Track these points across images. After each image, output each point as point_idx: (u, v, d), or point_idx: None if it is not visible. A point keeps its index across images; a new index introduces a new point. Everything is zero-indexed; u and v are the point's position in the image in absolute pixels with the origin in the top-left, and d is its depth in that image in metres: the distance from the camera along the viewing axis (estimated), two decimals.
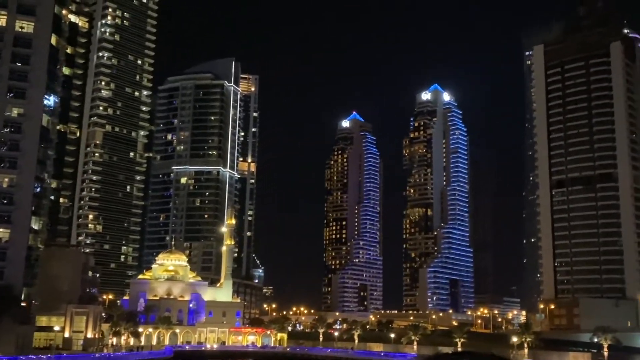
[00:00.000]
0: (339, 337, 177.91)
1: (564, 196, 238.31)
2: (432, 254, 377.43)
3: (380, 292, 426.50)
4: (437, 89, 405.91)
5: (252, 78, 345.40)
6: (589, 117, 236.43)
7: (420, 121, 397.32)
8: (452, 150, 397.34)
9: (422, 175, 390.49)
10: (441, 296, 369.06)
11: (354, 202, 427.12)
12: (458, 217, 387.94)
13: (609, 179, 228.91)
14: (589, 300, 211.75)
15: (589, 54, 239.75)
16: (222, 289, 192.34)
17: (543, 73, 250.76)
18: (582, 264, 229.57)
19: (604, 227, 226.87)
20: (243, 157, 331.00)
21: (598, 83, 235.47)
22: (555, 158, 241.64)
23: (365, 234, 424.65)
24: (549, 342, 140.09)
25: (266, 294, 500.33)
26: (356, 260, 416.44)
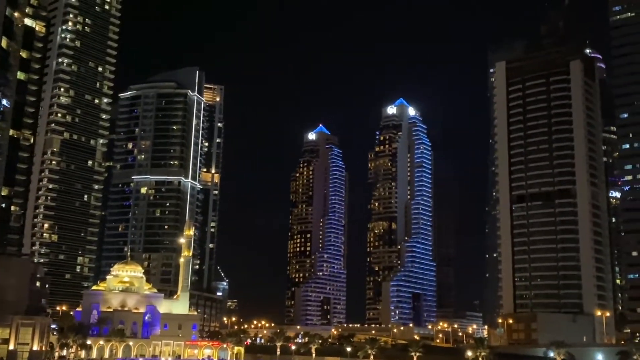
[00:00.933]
0: (296, 351, 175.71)
1: (524, 211, 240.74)
2: (395, 268, 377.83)
3: (343, 306, 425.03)
4: (402, 103, 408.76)
5: (217, 88, 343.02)
6: (549, 134, 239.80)
7: (386, 135, 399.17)
8: (416, 165, 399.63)
9: (387, 189, 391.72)
10: (404, 310, 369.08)
11: (319, 215, 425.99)
12: (422, 231, 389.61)
13: (567, 195, 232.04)
14: (547, 315, 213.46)
15: (550, 72, 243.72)
16: (178, 301, 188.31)
17: (505, 90, 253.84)
18: (541, 278, 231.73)
19: (563, 243, 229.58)
20: (207, 167, 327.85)
21: (558, 100, 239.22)
22: (516, 173, 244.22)
23: (330, 247, 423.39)
24: (503, 356, 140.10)
25: (230, 307, 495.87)
26: (320, 273, 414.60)
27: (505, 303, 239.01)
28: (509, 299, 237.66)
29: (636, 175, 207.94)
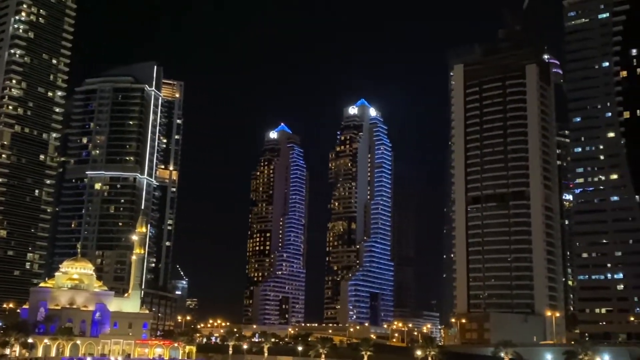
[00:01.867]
0: (249, 350, 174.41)
1: (479, 212, 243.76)
2: (354, 267, 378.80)
3: (302, 305, 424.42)
4: (364, 104, 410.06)
5: (177, 84, 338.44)
6: (504, 137, 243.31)
7: (347, 135, 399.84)
8: (376, 165, 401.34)
9: (347, 189, 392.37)
10: (361, 309, 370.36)
11: (279, 214, 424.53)
12: (380, 231, 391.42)
13: (521, 197, 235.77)
14: (499, 315, 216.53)
15: (506, 76, 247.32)
16: (129, 299, 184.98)
17: (462, 92, 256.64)
18: (495, 279, 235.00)
19: (516, 244, 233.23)
20: (164, 164, 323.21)
21: (513, 104, 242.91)
22: (472, 175, 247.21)
23: (290, 246, 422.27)
24: (452, 355, 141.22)
25: (190, 306, 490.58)
26: (279, 272, 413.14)
27: (459, 303, 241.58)
28: (462, 299, 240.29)
29: (588, 178, 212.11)
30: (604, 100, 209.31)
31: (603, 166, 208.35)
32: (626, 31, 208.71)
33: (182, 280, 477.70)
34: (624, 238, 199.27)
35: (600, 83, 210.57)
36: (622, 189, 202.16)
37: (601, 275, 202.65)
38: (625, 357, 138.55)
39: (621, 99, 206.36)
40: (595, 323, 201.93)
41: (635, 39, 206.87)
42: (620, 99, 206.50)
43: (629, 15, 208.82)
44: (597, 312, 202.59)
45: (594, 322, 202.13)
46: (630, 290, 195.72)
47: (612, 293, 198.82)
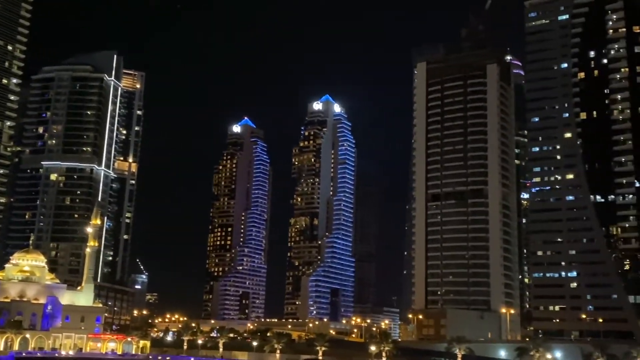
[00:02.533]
0: (203, 345, 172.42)
1: (438, 210, 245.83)
2: (315, 263, 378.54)
3: (262, 301, 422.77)
4: (328, 99, 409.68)
5: (138, 74, 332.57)
6: (464, 135, 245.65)
7: (311, 131, 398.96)
8: (340, 161, 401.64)
9: (310, 185, 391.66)
10: (322, 305, 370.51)
11: (241, 209, 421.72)
12: (342, 227, 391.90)
13: (480, 195, 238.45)
14: (456, 312, 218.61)
15: (467, 75, 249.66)
16: (82, 292, 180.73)
17: (425, 90, 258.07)
18: (453, 276, 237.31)
19: (474, 241, 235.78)
20: (124, 156, 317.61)
21: (474, 103, 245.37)
22: (432, 172, 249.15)
23: (251, 241, 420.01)
24: (407, 351, 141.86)
25: (150, 301, 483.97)
26: (240, 267, 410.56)
27: (417, 299, 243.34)
28: (420, 295, 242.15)
29: (544, 177, 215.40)
30: (561, 101, 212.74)
31: (559, 166, 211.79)
32: (585, 33, 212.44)
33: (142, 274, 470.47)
34: (578, 237, 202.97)
35: (559, 84, 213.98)
36: (577, 188, 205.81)
37: (555, 273, 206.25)
38: (576, 354, 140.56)
39: (578, 99, 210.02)
40: (549, 320, 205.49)
41: (593, 41, 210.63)
42: (577, 100, 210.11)
43: (588, 17, 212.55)
44: (551, 310, 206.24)
45: (547, 319, 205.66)
46: (583, 289, 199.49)
47: (566, 291, 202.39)
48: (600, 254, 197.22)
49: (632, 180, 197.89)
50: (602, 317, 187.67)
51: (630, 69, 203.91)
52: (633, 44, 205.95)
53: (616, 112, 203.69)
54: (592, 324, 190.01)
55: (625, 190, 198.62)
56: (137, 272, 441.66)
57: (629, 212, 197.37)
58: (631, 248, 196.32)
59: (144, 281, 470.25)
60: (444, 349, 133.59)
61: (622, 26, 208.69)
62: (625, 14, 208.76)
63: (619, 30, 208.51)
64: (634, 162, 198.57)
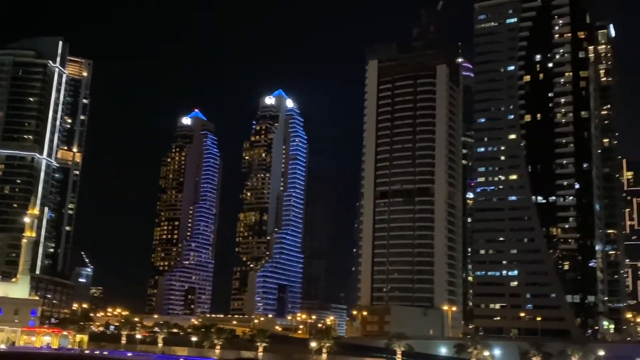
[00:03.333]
0: (142, 340, 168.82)
1: (386, 207, 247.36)
2: (263, 259, 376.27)
3: (208, 296, 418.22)
4: (281, 94, 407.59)
5: (85, 62, 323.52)
6: (413, 134, 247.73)
7: (263, 125, 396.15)
8: (291, 157, 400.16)
9: (260, 180, 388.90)
10: (269, 301, 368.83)
11: (189, 202, 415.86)
12: (292, 223, 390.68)
13: (426, 194, 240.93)
14: (400, 308, 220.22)
15: (418, 74, 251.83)
16: (17, 284, 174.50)
17: (376, 89, 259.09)
18: (398, 273, 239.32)
19: (419, 239, 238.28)
20: (68, 145, 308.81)
21: (423, 102, 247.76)
22: (381, 170, 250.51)
23: (198, 236, 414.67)
24: (347, 347, 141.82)
25: (95, 294, 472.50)
26: (186, 262, 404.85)
27: (362, 295, 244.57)
28: (366, 291, 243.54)
29: (488, 177, 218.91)
30: (507, 102, 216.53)
31: (503, 166, 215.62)
32: (532, 37, 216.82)
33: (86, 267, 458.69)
34: (519, 236, 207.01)
35: (505, 86, 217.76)
36: (520, 189, 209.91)
37: (497, 272, 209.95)
38: (514, 351, 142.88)
39: (523, 102, 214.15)
40: (489, 318, 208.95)
41: (539, 45, 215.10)
42: (522, 102, 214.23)
43: (535, 21, 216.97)
44: (492, 308, 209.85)
45: (488, 317, 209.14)
46: (523, 287, 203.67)
47: (506, 289, 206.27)
48: (541, 254, 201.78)
49: (572, 182, 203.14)
50: (541, 316, 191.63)
51: (574, 73, 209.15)
52: (577, 49, 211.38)
53: (559, 115, 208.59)
54: (530, 322, 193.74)
55: (566, 192, 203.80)
56: (82, 265, 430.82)
57: (568, 214, 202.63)
58: (570, 248, 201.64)
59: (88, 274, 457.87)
60: (384, 345, 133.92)
61: (567, 31, 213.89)
62: (571, 19, 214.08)
63: (564, 35, 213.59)
64: (575, 164, 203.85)
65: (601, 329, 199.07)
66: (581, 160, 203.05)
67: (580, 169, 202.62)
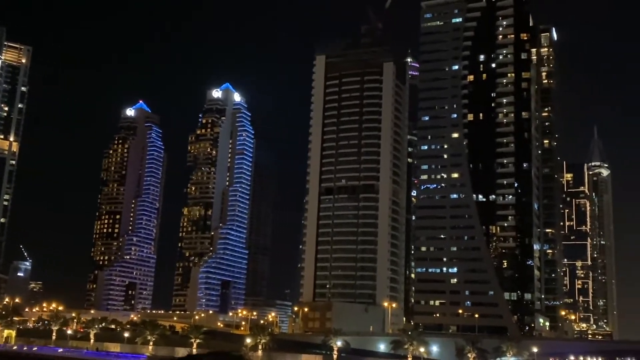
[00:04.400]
0: (73, 336, 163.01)
1: (331, 203, 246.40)
2: (207, 254, 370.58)
3: (150, 291, 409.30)
4: (228, 88, 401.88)
5: (25, 48, 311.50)
6: (359, 130, 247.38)
7: (209, 119, 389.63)
8: (237, 152, 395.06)
9: (205, 174, 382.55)
10: (212, 297, 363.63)
11: (132, 196, 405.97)
12: (237, 219, 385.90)
13: (371, 190, 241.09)
14: (341, 305, 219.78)
15: (365, 71, 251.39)
16: None
17: (323, 84, 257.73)
18: (341, 269, 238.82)
19: (363, 236, 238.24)
20: (4, 134, 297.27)
21: (370, 99, 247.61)
22: (326, 166, 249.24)
23: (141, 230, 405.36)
24: (285, 343, 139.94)
25: (34, 289, 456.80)
26: (127, 257, 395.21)
27: (305, 292, 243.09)
28: (309, 288, 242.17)
29: (431, 175, 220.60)
30: (451, 101, 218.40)
31: (446, 165, 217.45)
32: (476, 37, 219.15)
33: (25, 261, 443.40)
34: (460, 234, 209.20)
35: (449, 85, 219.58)
36: (461, 187, 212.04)
37: (437, 269, 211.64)
38: (451, 347, 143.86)
39: (467, 101, 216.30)
40: (430, 315, 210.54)
41: (483, 45, 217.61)
42: (466, 102, 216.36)
43: (480, 22, 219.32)
44: (432, 304, 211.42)
45: (428, 313, 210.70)
46: (463, 285, 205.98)
47: (446, 286, 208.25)
48: (480, 252, 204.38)
49: (512, 181, 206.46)
50: (479, 313, 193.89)
51: (516, 74, 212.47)
52: (520, 50, 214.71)
53: (501, 115, 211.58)
54: (469, 319, 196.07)
55: (506, 191, 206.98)
56: (20, 259, 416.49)
57: (508, 212, 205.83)
58: (509, 247, 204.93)
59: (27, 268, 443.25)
60: (321, 341, 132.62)
61: (511, 33, 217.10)
62: (514, 21, 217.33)
63: (507, 36, 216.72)
64: (515, 164, 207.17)
65: (537, 326, 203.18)
66: (521, 160, 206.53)
67: (520, 168, 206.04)
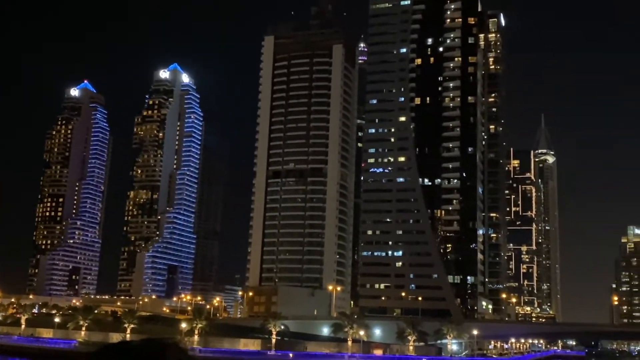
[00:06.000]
0: (2, 322, 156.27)
1: (278, 187, 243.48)
2: (153, 239, 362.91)
3: (95, 276, 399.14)
4: (176, 68, 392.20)
5: None
6: (308, 113, 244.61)
7: (156, 100, 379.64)
8: (186, 134, 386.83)
9: (152, 157, 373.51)
10: (158, 282, 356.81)
11: (76, 178, 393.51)
12: (185, 203, 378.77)
13: (319, 174, 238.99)
14: (287, 289, 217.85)
15: (314, 53, 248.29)
16: None
17: (271, 66, 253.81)
18: (289, 253, 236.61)
19: (311, 220, 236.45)
20: None
21: (319, 82, 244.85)
22: (274, 149, 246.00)
23: (85, 214, 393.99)
24: (223, 328, 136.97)
25: None
26: (71, 241, 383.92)
27: (251, 276, 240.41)
28: (255, 272, 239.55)
29: (378, 159, 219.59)
30: (398, 85, 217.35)
31: (393, 148, 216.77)
32: (424, 20, 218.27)
33: None
34: (405, 218, 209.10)
35: (397, 68, 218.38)
36: (407, 171, 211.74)
37: (383, 252, 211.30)
38: (393, 330, 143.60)
39: (414, 85, 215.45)
40: (375, 298, 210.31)
41: (431, 29, 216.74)
42: (413, 85, 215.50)
43: (428, 5, 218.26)
44: (377, 288, 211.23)
45: (374, 297, 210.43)
46: (407, 268, 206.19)
47: (391, 270, 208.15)
48: (425, 235, 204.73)
49: (457, 165, 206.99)
50: (423, 296, 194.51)
51: (463, 58, 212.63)
52: (467, 35, 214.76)
53: (447, 99, 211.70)
54: (413, 302, 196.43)
55: (451, 175, 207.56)
56: None
57: (453, 196, 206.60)
58: (453, 230, 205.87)
59: None
60: (259, 325, 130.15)
61: (458, 16, 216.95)
62: (462, 5, 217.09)
63: (455, 20, 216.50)
64: (461, 148, 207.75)
65: (480, 309, 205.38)
66: (466, 144, 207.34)
67: (466, 153, 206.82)
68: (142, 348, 2.80)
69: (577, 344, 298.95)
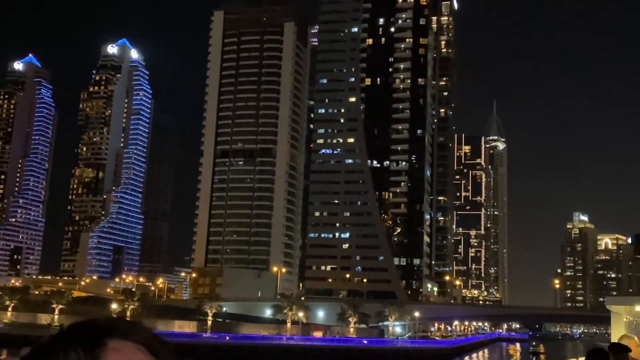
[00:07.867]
0: None
1: (226, 167, 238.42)
2: (98, 219, 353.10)
3: (37, 256, 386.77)
4: (125, 44, 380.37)
5: None
6: (257, 92, 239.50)
7: (103, 75, 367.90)
8: (133, 112, 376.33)
9: (99, 134, 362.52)
10: (103, 263, 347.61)
11: (18, 155, 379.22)
12: (132, 182, 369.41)
13: (268, 154, 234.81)
14: (233, 270, 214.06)
15: (265, 30, 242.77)
16: None
17: (221, 42, 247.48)
18: (236, 234, 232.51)
19: (259, 200, 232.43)
20: None
21: (269, 60, 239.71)
22: (223, 128, 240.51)
23: (28, 192, 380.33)
24: (158, 309, 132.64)
25: None
26: (13, 219, 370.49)
27: (197, 257, 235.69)
28: (201, 253, 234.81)
29: (327, 140, 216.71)
30: (349, 65, 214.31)
31: (342, 129, 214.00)
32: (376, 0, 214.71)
33: None
34: (353, 199, 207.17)
35: (347, 48, 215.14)
36: (356, 152, 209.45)
37: (330, 234, 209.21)
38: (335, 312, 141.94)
39: (365, 65, 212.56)
40: (322, 280, 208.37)
41: (383, 9, 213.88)
42: (364, 66, 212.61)
43: None
44: (324, 269, 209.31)
45: (320, 278, 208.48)
46: (354, 250, 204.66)
47: (338, 251, 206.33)
48: (372, 217, 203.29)
49: (406, 148, 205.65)
50: (369, 278, 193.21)
51: (414, 40, 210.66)
52: (419, 16, 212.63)
53: (398, 80, 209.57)
54: (359, 284, 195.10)
55: (399, 157, 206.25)
56: None
57: (400, 179, 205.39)
58: (400, 213, 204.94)
59: None
60: (195, 306, 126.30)
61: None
62: None
63: (407, 0, 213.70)
64: (410, 130, 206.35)
65: (425, 291, 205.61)
66: (415, 127, 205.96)
67: (415, 135, 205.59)
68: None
69: (522, 326, 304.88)
